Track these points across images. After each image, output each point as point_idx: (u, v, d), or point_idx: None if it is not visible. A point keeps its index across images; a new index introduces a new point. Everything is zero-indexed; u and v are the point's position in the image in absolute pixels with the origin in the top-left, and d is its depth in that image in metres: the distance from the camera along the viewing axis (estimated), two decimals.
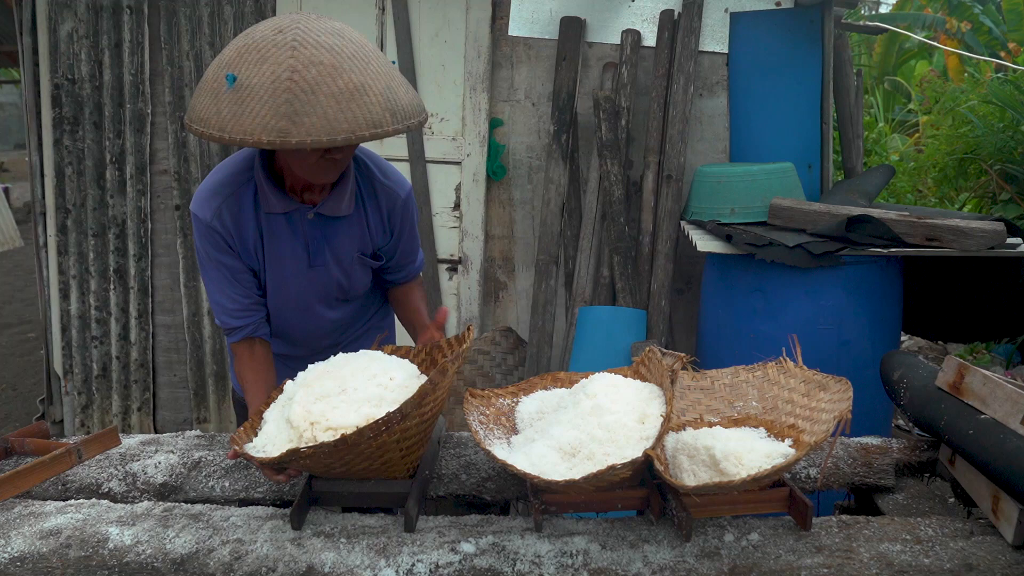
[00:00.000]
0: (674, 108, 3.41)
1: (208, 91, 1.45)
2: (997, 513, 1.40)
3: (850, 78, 3.97)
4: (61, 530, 1.43)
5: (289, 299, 1.85)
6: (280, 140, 1.37)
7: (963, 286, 3.06)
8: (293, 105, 1.37)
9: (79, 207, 3.84)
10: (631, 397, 1.49)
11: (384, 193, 1.82)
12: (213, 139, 1.42)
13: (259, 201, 1.71)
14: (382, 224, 1.85)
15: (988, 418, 1.45)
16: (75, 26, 3.70)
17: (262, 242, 1.76)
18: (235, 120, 1.39)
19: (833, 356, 2.66)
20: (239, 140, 1.39)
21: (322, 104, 1.38)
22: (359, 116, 1.41)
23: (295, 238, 1.76)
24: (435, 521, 1.47)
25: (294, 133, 1.37)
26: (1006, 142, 5.30)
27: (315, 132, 1.37)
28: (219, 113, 1.41)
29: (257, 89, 1.38)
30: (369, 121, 1.42)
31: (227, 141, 1.40)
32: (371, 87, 1.43)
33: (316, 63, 1.39)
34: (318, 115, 1.38)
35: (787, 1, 3.46)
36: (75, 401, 3.99)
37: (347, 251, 1.83)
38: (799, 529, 1.39)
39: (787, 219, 2.90)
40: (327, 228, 1.78)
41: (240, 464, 1.71)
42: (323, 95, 1.38)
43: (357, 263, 1.86)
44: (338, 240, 1.80)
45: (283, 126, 1.37)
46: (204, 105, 1.44)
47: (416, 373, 1.57)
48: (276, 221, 1.74)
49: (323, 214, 1.75)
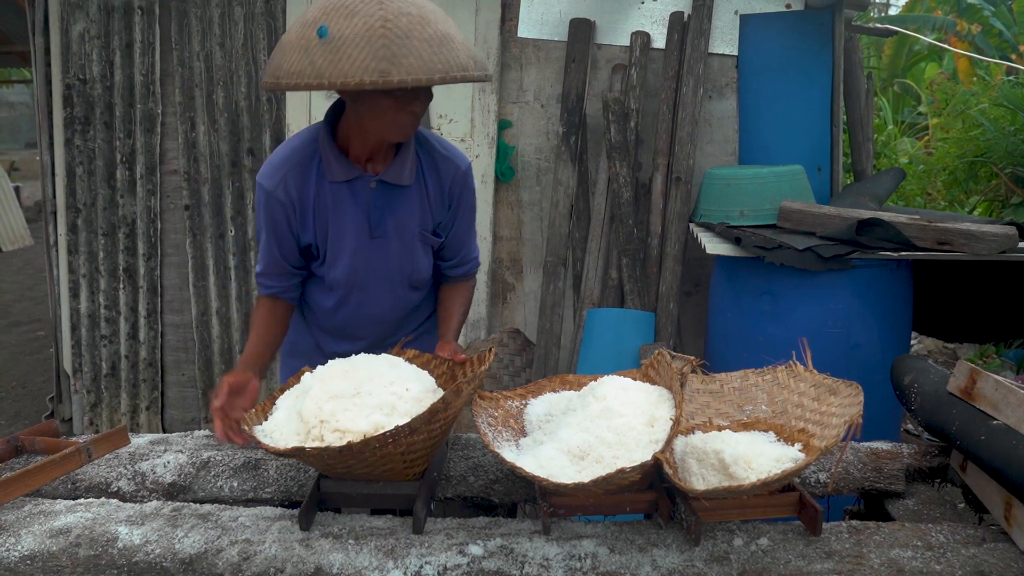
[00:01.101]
0: (683, 110, 3.40)
1: (296, 48, 1.51)
2: (1010, 520, 1.39)
3: (860, 81, 3.95)
4: (71, 529, 1.43)
5: (353, 274, 1.87)
6: (382, 80, 1.45)
7: (974, 289, 3.04)
8: (391, 49, 1.45)
9: (89, 206, 3.86)
10: (640, 400, 1.49)
11: (444, 164, 1.87)
12: (309, 87, 1.48)
13: (323, 172, 1.78)
14: (442, 196, 1.89)
15: (1000, 424, 1.44)
16: (87, 27, 3.72)
17: (326, 213, 1.81)
18: (332, 67, 1.46)
19: (843, 360, 2.65)
20: (339, 83, 1.46)
21: (417, 48, 1.47)
22: (450, 60, 1.51)
23: (357, 207, 1.81)
24: (443, 523, 1.46)
25: (394, 73, 1.45)
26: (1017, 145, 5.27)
27: (414, 72, 1.46)
28: (313, 64, 1.47)
29: (352, 38, 1.46)
30: (458, 65, 1.52)
31: (325, 87, 1.48)
32: (455, 37, 1.56)
33: (405, 13, 1.49)
34: (415, 57, 1.47)
35: (797, 3, 3.45)
36: (84, 400, 4.01)
37: (408, 225, 1.86)
38: (809, 534, 1.38)
39: (797, 222, 2.89)
40: (389, 198, 1.82)
41: (249, 464, 1.71)
42: (416, 40, 1.48)
43: (418, 239, 1.89)
44: (400, 212, 1.84)
45: (383, 67, 1.45)
46: (294, 60, 1.50)
47: (433, 387, 1.56)
48: (339, 191, 1.79)
49: (386, 181, 1.79)
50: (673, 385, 1.48)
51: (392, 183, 1.80)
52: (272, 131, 3.77)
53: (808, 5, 3.44)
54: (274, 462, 1.71)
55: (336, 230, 1.82)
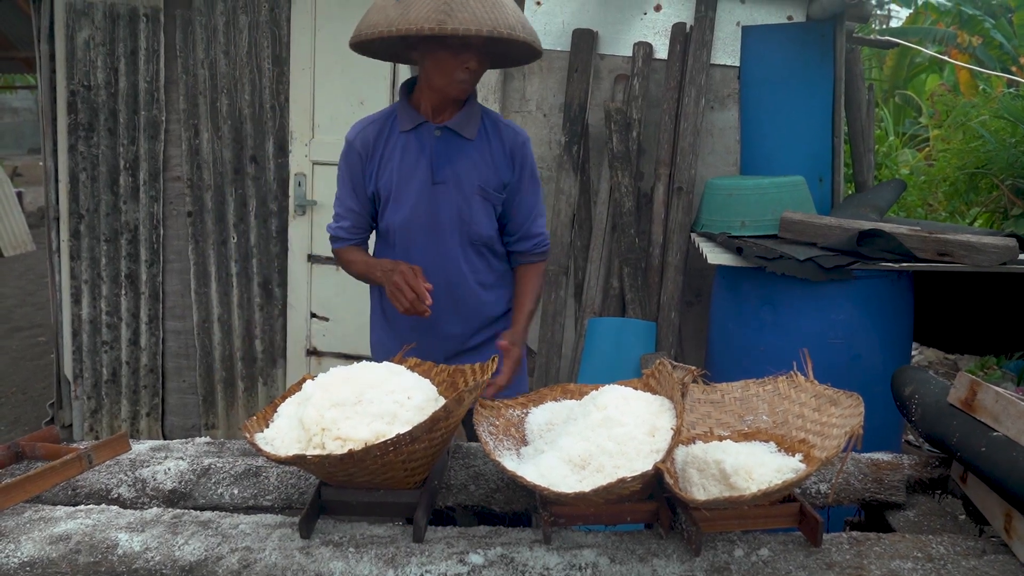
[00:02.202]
0: (685, 120, 3.41)
1: (376, 9, 1.83)
2: (1010, 532, 1.39)
3: (861, 92, 3.96)
4: (71, 535, 1.43)
5: (414, 218, 2.06)
6: (439, 28, 1.72)
7: (975, 300, 3.04)
8: (449, 5, 1.74)
9: (92, 212, 3.87)
10: (642, 410, 1.49)
11: (507, 129, 2.10)
12: (383, 35, 1.77)
13: (396, 126, 2.05)
14: (505, 157, 2.09)
15: (1001, 435, 1.44)
16: (92, 34, 3.73)
17: (394, 159, 2.04)
18: (401, 18, 1.75)
19: (844, 370, 2.65)
20: (405, 29, 1.74)
21: (472, 6, 1.75)
22: (499, 19, 1.77)
23: (422, 153, 2.03)
24: (443, 532, 1.46)
25: (449, 23, 1.72)
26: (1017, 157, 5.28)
27: (466, 23, 1.73)
28: (387, 17, 1.78)
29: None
30: (506, 24, 1.78)
31: (394, 32, 1.75)
32: (508, 6, 1.84)
33: None
34: (468, 11, 1.74)
35: (799, 15, 3.46)
36: (84, 406, 4.01)
37: (469, 176, 2.05)
38: (809, 545, 1.38)
39: (798, 232, 2.90)
40: (452, 147, 2.04)
41: (249, 471, 1.71)
42: (473, 2, 1.76)
43: (478, 192, 2.06)
44: (461, 163, 2.04)
45: (440, 18, 1.73)
46: (372, 17, 1.82)
47: (435, 395, 1.57)
48: (408, 139, 2.04)
49: (450, 129, 2.02)
50: (674, 395, 1.49)
51: (455, 131, 2.02)
52: (275, 139, 3.79)
53: (810, 17, 3.46)
54: (275, 469, 1.71)
55: (401, 174, 2.04)
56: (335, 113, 3.74)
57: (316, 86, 3.73)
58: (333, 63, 3.70)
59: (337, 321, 3.90)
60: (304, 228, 3.84)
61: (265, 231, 3.87)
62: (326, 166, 3.78)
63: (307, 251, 3.86)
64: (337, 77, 3.71)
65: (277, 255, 3.89)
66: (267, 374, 3.99)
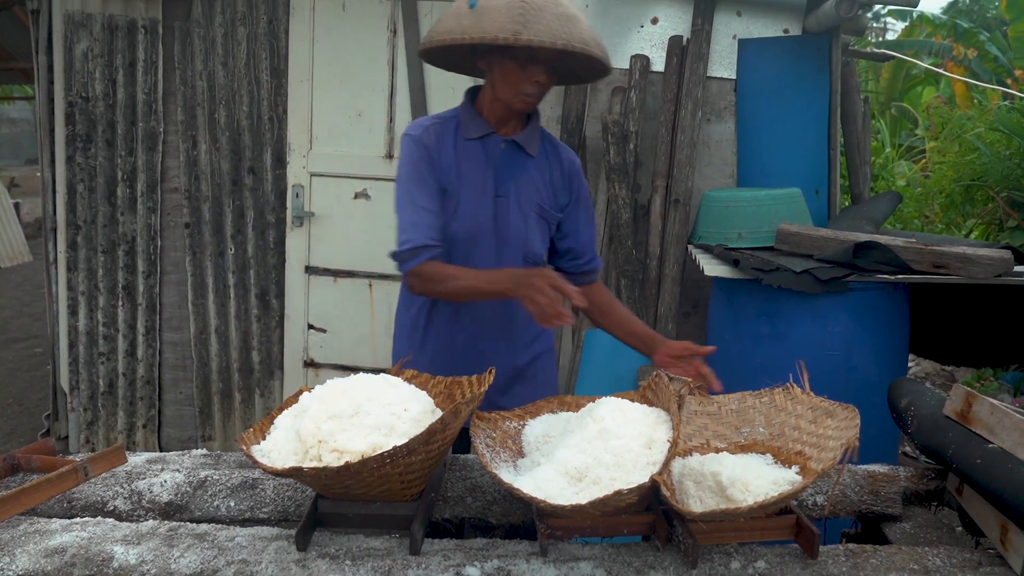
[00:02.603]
0: (682, 133, 3.43)
1: (451, 15, 1.80)
2: (1005, 544, 1.39)
3: (857, 105, 3.98)
4: (66, 548, 1.43)
5: (474, 227, 1.96)
6: (513, 38, 1.69)
7: (971, 312, 3.05)
8: (525, 16, 1.70)
9: (90, 223, 3.87)
10: (638, 422, 1.49)
11: (564, 151, 2.08)
12: (455, 42, 1.74)
13: (460, 133, 1.98)
14: (564, 180, 2.05)
15: (996, 447, 1.44)
16: (90, 45, 3.74)
17: (459, 167, 1.96)
18: (475, 26, 1.72)
19: (840, 382, 2.65)
20: (479, 38, 1.71)
21: (547, 19, 1.71)
22: (574, 34, 1.73)
23: (487, 165, 1.97)
24: (440, 544, 1.46)
25: (524, 34, 1.69)
26: (1012, 169, 5.31)
27: (540, 35, 1.69)
28: (460, 25, 1.75)
29: (495, 7, 1.72)
30: (580, 40, 1.73)
31: (467, 40, 1.73)
32: (582, 20, 1.79)
33: None
34: (544, 24, 1.70)
35: (795, 28, 3.48)
36: (80, 417, 4.00)
37: (528, 194, 2.00)
38: (806, 557, 1.38)
39: (794, 244, 2.91)
40: (515, 162, 1.99)
41: (246, 484, 1.71)
42: (548, 14, 1.72)
43: (535, 212, 2.01)
44: (522, 179, 1.99)
45: (515, 28, 1.69)
46: (446, 24, 1.79)
47: (431, 407, 1.56)
48: (473, 148, 1.97)
49: (515, 143, 1.98)
50: (671, 407, 1.49)
51: (520, 146, 1.98)
52: (273, 150, 3.79)
53: (806, 30, 3.48)
54: (271, 482, 1.71)
55: (465, 183, 1.95)
56: (333, 125, 3.76)
57: (314, 98, 3.74)
58: (331, 75, 3.71)
59: (334, 333, 3.90)
60: (302, 239, 3.84)
61: (263, 243, 3.87)
62: (324, 177, 3.79)
63: (304, 262, 3.86)
64: (335, 89, 3.72)
65: (274, 267, 3.89)
66: (264, 386, 3.98)
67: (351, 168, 3.78)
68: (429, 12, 3.60)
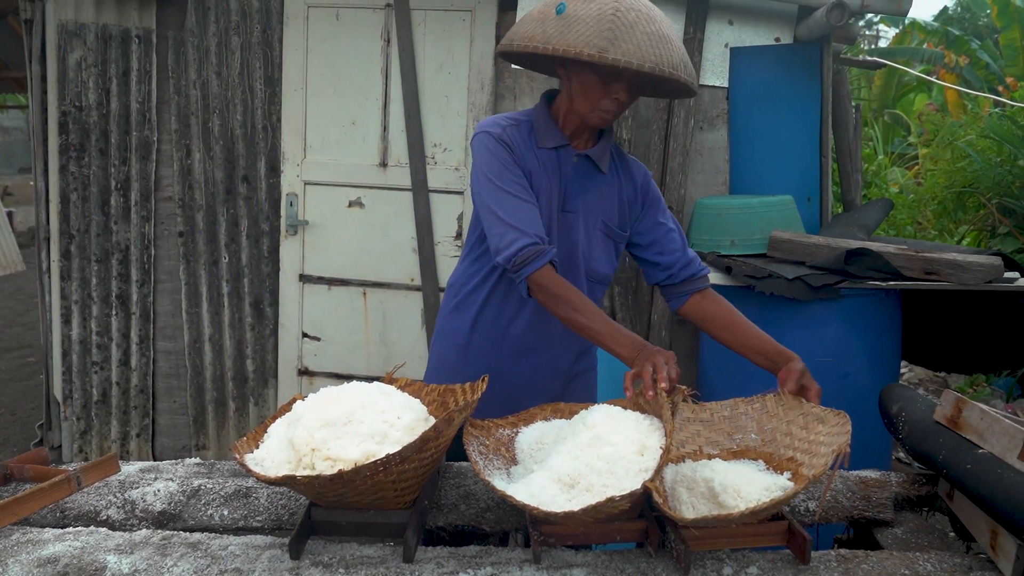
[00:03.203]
0: (675, 141, 3.44)
1: (534, 20, 1.69)
2: (996, 548, 1.40)
3: (848, 112, 4.01)
4: (59, 558, 1.42)
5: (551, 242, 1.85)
6: (599, 55, 1.59)
7: (962, 318, 3.07)
8: (615, 32, 1.60)
9: (83, 232, 3.87)
10: (631, 429, 1.50)
11: (635, 165, 2.00)
12: (536, 51, 1.65)
13: (533, 138, 1.88)
14: (637, 195, 1.97)
15: (986, 452, 1.45)
16: (84, 54, 3.75)
17: (531, 174, 1.86)
18: (560, 37, 1.62)
19: (832, 388, 2.65)
20: (562, 50, 1.61)
21: (637, 38, 1.61)
22: (664, 57, 1.62)
23: (557, 177, 1.88)
24: (433, 552, 1.46)
25: (611, 51, 1.59)
26: (1004, 176, 5.34)
27: (628, 55, 1.59)
28: (544, 33, 1.65)
29: (584, 18, 1.62)
30: (670, 63, 1.63)
31: (549, 51, 1.63)
32: (675, 42, 1.67)
33: (635, 9, 1.64)
34: (633, 44, 1.60)
35: (786, 37, 3.51)
36: (74, 427, 3.99)
37: (596, 210, 1.92)
38: (798, 563, 1.39)
39: (786, 251, 2.92)
40: (585, 177, 1.91)
41: (239, 492, 1.71)
42: (639, 32, 1.62)
43: (600, 231, 1.94)
44: (591, 195, 1.91)
45: (603, 45, 1.59)
46: (529, 29, 1.69)
47: (425, 415, 1.57)
48: (545, 157, 1.88)
49: (588, 158, 1.89)
50: (664, 414, 1.49)
51: (593, 160, 1.89)
52: (267, 159, 3.80)
53: (797, 38, 3.50)
54: (265, 490, 1.71)
55: (536, 192, 1.85)
56: (327, 133, 3.76)
57: (308, 107, 3.75)
58: (325, 84, 3.72)
59: (328, 341, 3.90)
60: (296, 248, 3.85)
61: (257, 251, 3.87)
62: (318, 186, 3.79)
63: (299, 271, 3.86)
64: (329, 98, 3.73)
65: (269, 275, 3.89)
66: (258, 394, 3.98)
67: (345, 177, 3.78)
68: (423, 21, 3.62)
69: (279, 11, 3.69)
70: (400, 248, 3.78)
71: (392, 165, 3.74)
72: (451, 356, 2.05)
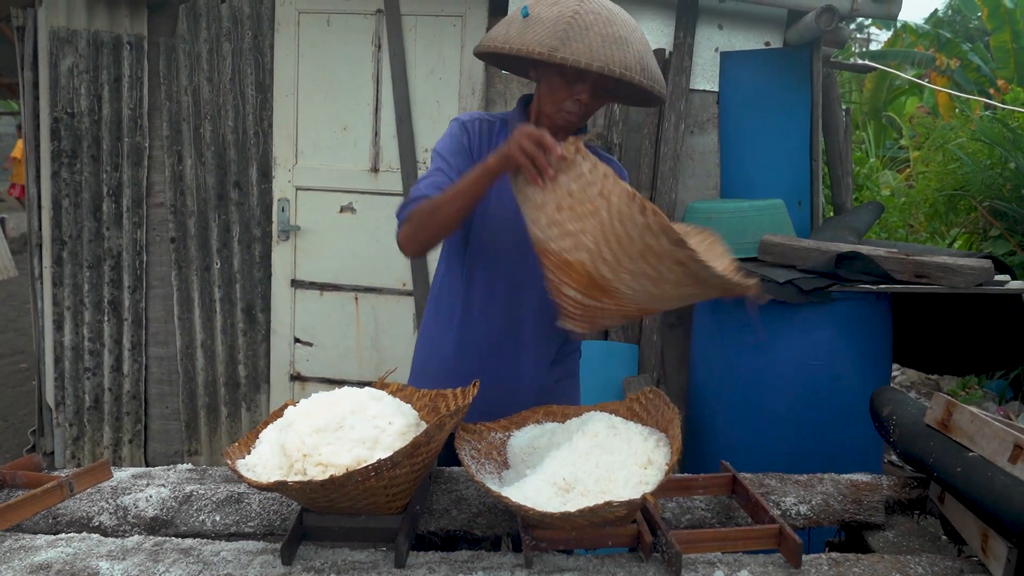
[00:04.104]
0: (665, 145, 3.45)
1: (503, 22, 1.77)
2: (986, 551, 1.41)
3: (839, 116, 4.02)
4: (51, 564, 1.42)
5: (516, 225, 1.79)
6: (548, 53, 1.63)
7: (953, 321, 3.08)
8: (568, 32, 1.63)
9: (75, 239, 3.86)
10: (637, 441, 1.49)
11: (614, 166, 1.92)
12: (496, 50, 1.71)
13: (504, 134, 1.92)
14: None
15: (976, 456, 1.46)
16: (76, 61, 3.74)
17: None
18: (518, 37, 1.68)
19: (824, 391, 2.67)
20: (516, 49, 1.67)
21: (590, 38, 1.63)
22: (616, 57, 1.64)
23: None
24: (425, 557, 1.46)
25: (561, 50, 1.62)
26: (995, 179, 5.36)
27: (578, 54, 1.62)
28: (507, 34, 1.71)
29: (543, 20, 1.67)
30: (623, 64, 1.64)
31: (506, 51, 1.69)
32: (632, 44, 1.68)
33: (595, 12, 1.67)
34: (584, 44, 1.63)
35: (776, 41, 3.52)
36: (66, 433, 3.98)
37: None
38: (789, 566, 1.39)
39: (777, 255, 2.93)
40: None
41: (231, 498, 1.71)
42: (594, 33, 1.64)
43: None
44: None
45: (554, 44, 1.63)
46: (497, 31, 1.76)
47: (416, 420, 1.57)
48: None
49: None
50: (670, 429, 1.49)
51: None
52: (259, 165, 3.80)
53: (787, 43, 3.52)
54: (257, 496, 1.71)
55: (504, 194, 1.80)
56: (318, 139, 3.76)
57: (299, 112, 3.75)
58: (316, 90, 3.72)
59: (320, 346, 3.90)
60: (288, 253, 3.84)
61: (248, 257, 3.87)
62: (309, 191, 3.79)
63: (291, 276, 3.86)
64: (320, 103, 3.73)
65: (260, 280, 3.89)
66: (250, 400, 3.97)
67: (337, 182, 3.78)
68: (414, 27, 3.62)
69: (270, 17, 3.70)
70: (392, 253, 3.76)
71: (383, 170, 3.74)
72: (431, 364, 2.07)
